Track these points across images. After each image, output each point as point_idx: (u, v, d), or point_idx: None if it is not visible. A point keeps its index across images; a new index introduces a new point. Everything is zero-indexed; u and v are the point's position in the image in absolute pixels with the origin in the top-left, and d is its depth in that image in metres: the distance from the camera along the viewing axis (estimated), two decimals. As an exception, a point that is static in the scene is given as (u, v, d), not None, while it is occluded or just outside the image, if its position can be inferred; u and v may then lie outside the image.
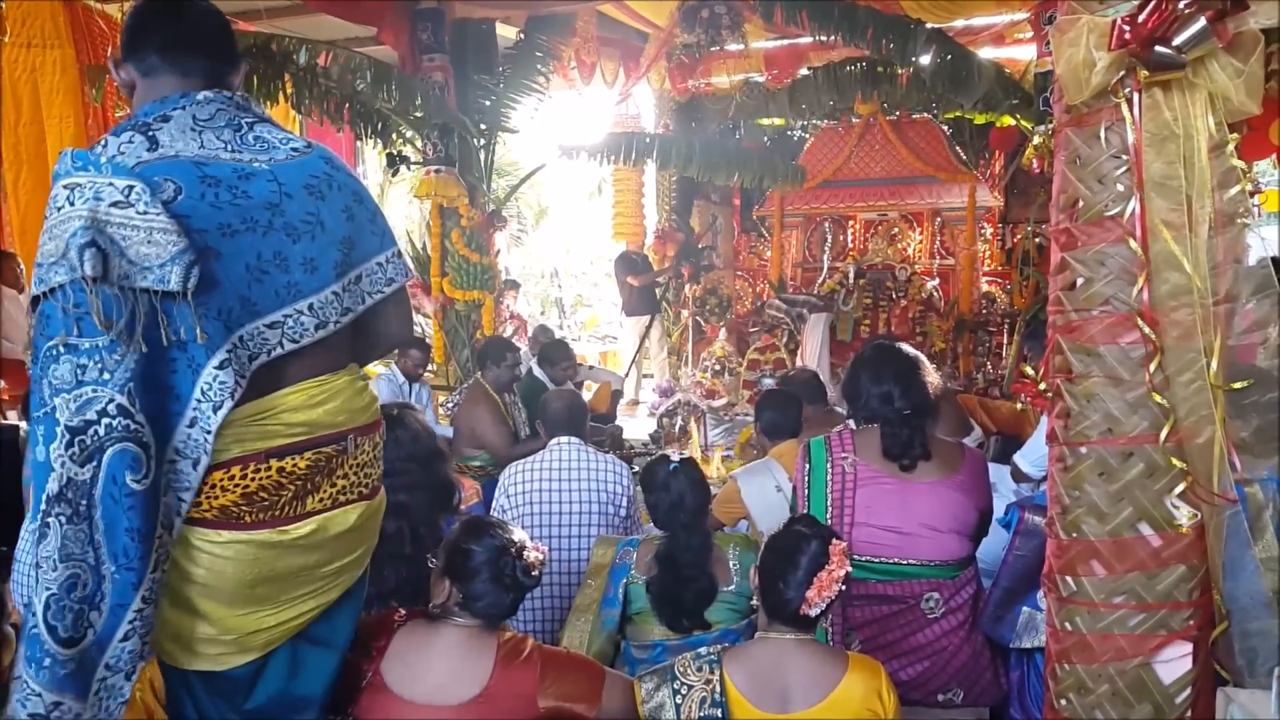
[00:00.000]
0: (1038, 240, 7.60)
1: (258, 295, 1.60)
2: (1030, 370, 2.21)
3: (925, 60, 6.28)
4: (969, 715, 2.55)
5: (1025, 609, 2.50)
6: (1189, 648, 1.84)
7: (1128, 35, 1.69)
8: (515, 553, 2.01)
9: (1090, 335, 1.85)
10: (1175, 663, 1.84)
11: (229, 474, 1.60)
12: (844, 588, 1.99)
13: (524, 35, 7.65)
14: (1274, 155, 6.13)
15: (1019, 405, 4.79)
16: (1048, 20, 4.83)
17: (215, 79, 1.70)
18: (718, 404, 7.45)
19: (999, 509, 2.64)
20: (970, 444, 3.30)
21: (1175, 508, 1.82)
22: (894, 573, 2.47)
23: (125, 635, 1.51)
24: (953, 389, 5.54)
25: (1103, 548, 1.86)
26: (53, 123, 7.55)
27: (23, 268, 6.93)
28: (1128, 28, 1.69)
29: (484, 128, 7.32)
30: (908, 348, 2.70)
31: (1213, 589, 1.86)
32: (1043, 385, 2.02)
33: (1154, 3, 1.67)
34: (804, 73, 7.80)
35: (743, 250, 9.78)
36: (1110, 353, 1.83)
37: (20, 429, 3.68)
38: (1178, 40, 1.66)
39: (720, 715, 1.93)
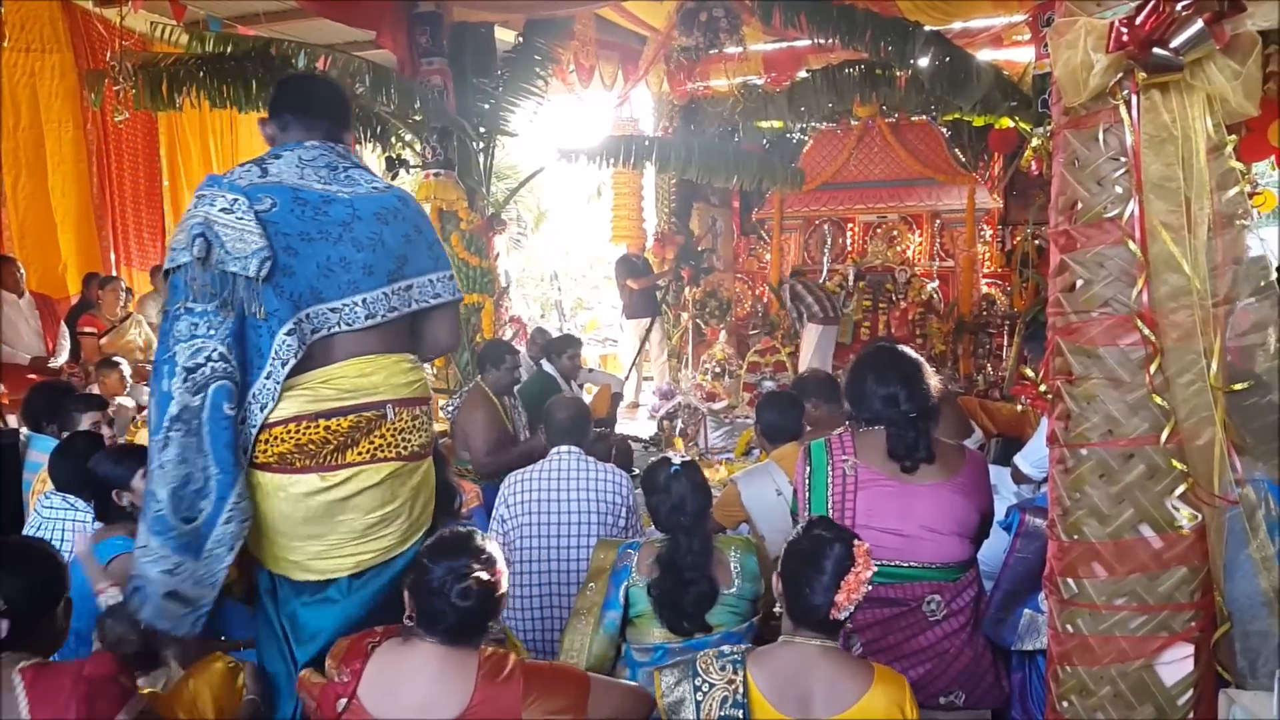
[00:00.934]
0: (1037, 242, 7.61)
1: (324, 286, 2.14)
2: (1030, 372, 2.21)
3: (924, 62, 6.29)
4: (971, 718, 2.54)
5: (1027, 611, 2.49)
6: (1191, 649, 1.84)
7: (1125, 37, 1.69)
8: (473, 578, 1.90)
9: (1090, 337, 1.85)
10: (1177, 664, 1.84)
11: (287, 428, 2.12)
12: (869, 588, 1.98)
13: (523, 39, 7.66)
14: (1272, 156, 6.13)
15: (1019, 407, 4.79)
16: (1046, 22, 4.83)
17: (330, 136, 2.29)
18: (718, 406, 7.45)
19: (999, 511, 2.64)
20: (971, 446, 3.30)
21: (1176, 509, 1.82)
22: (895, 575, 2.47)
23: (227, 520, 2.07)
24: (953, 391, 5.54)
25: (1104, 549, 1.86)
26: (51, 127, 7.55)
27: (23, 272, 6.92)
28: (1125, 30, 1.69)
29: (483, 131, 7.33)
30: (909, 350, 2.70)
31: (1214, 590, 1.86)
32: (1043, 387, 2.02)
33: (1152, 5, 1.67)
34: (803, 75, 7.82)
35: (742, 253, 9.79)
36: (1110, 354, 1.83)
37: (21, 434, 3.68)
38: (1175, 42, 1.66)
39: (741, 716, 1.92)
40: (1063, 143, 1.90)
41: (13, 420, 4.91)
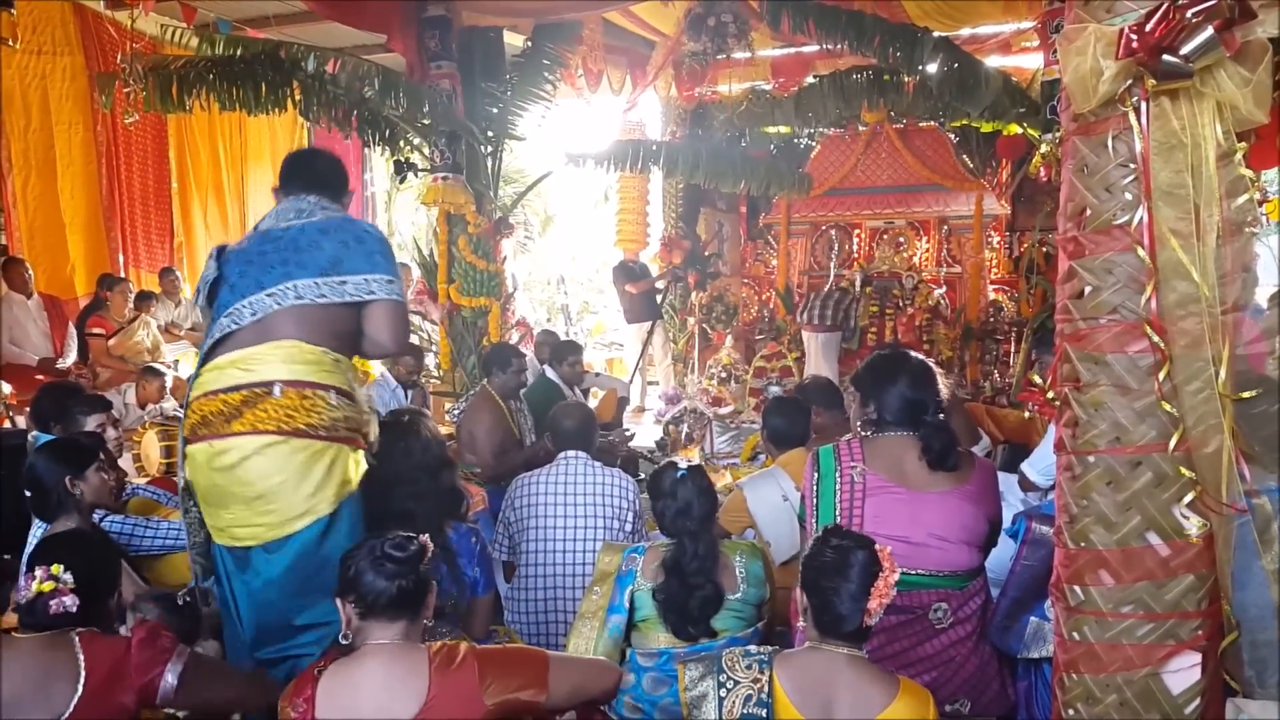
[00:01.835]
0: (1045, 248, 7.58)
1: (267, 279, 2.52)
2: (1038, 378, 2.21)
3: (932, 68, 6.27)
4: (976, 725, 2.54)
5: (1033, 619, 2.49)
6: (1198, 658, 1.83)
7: (1135, 44, 1.69)
8: (391, 540, 1.98)
9: (1098, 343, 1.85)
10: (1184, 673, 1.83)
11: (199, 402, 2.48)
12: (894, 592, 1.98)
13: (531, 43, 7.67)
14: (1282, 164, 6.10)
15: (1026, 414, 4.77)
16: (1055, 29, 4.83)
17: (327, 197, 2.72)
18: (724, 411, 7.45)
19: (1006, 518, 2.63)
20: (978, 453, 3.29)
21: (1184, 517, 1.81)
22: (902, 582, 2.44)
23: None
24: (960, 397, 5.53)
25: (1111, 557, 1.85)
26: (61, 129, 7.60)
27: (31, 273, 6.95)
28: (1135, 36, 1.69)
29: (491, 135, 7.34)
30: (921, 357, 2.69)
31: (1222, 599, 1.85)
32: (1050, 394, 2.01)
33: (1161, 11, 1.66)
34: (810, 81, 7.82)
35: (749, 258, 9.77)
36: (1118, 361, 1.83)
37: (29, 435, 3.69)
38: (1185, 49, 1.66)
39: (765, 715, 1.92)
40: (1072, 149, 1.89)
41: (22, 421, 4.93)
